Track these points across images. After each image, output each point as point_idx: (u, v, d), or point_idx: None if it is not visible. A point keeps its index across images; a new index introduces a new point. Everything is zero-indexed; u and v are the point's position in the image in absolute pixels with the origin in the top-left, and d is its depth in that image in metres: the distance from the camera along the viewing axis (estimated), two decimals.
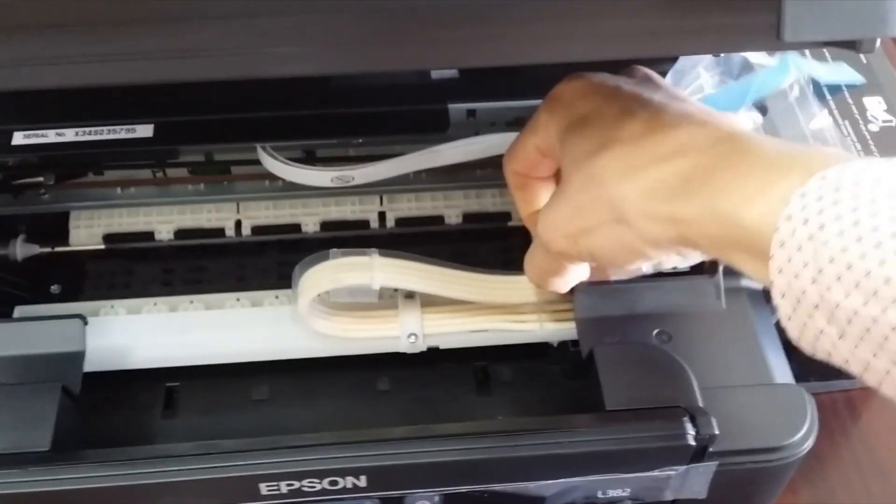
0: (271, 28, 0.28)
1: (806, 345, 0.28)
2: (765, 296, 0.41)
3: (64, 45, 0.26)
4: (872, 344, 0.25)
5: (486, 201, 0.50)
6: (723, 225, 0.29)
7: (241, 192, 0.49)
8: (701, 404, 0.35)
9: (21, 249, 0.47)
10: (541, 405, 0.43)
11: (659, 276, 0.41)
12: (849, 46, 0.27)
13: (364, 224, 0.49)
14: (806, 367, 0.45)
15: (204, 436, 0.42)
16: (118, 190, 0.48)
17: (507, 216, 0.50)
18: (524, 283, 0.41)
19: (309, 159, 0.48)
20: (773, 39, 0.25)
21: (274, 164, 0.45)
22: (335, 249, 0.41)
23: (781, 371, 0.38)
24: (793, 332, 0.28)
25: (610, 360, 0.37)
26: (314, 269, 0.41)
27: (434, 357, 0.43)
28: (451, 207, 0.49)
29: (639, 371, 0.37)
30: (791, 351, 0.44)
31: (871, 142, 0.43)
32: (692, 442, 0.34)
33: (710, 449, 0.34)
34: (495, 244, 0.49)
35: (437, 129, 0.44)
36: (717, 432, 0.34)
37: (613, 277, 0.39)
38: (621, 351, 0.38)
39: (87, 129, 0.43)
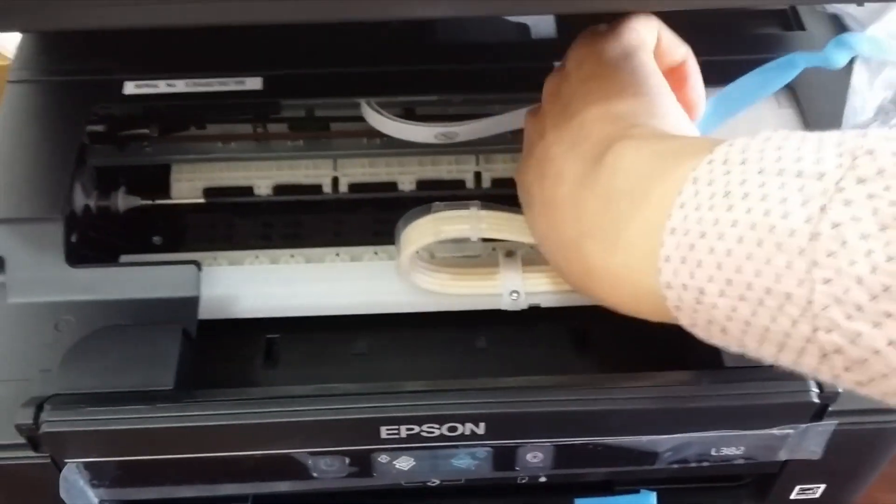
0: None
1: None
2: None
3: None
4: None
5: None
6: None
7: (338, 150, 0.49)
8: None
9: (123, 201, 0.48)
10: (643, 365, 0.42)
11: None
12: None
13: (460, 184, 0.49)
14: None
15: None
16: (219, 144, 0.48)
17: None
18: None
19: (408, 116, 0.48)
20: None
21: (378, 119, 0.45)
22: (438, 202, 0.41)
23: None
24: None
25: None
26: (417, 223, 0.41)
27: (531, 317, 0.43)
28: None
29: None
30: None
31: None
32: (815, 399, 0.33)
33: (831, 408, 0.34)
34: None
35: (539, 88, 0.44)
36: (840, 390, 0.33)
37: None
38: None
39: (198, 81, 0.43)
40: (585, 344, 0.44)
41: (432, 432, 0.34)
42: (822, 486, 0.39)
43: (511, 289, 0.42)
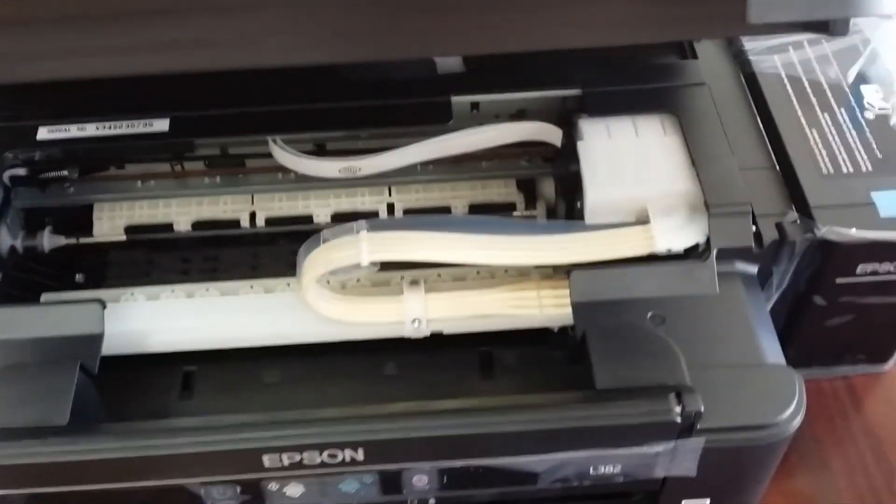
0: (272, 19, 0.30)
1: None
2: (759, 280, 0.42)
3: (70, 37, 0.28)
4: None
5: (491, 192, 0.51)
6: None
7: (255, 185, 0.51)
8: (689, 383, 0.36)
9: (48, 241, 0.49)
10: (542, 390, 0.44)
11: (653, 259, 0.42)
12: (820, 29, 0.28)
13: (373, 215, 0.51)
14: (807, 353, 0.47)
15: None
16: (138, 183, 0.50)
17: (512, 206, 0.51)
18: (526, 242, 0.42)
19: (319, 151, 0.50)
20: (741, 23, 0.27)
21: (284, 156, 0.47)
22: (327, 230, 0.42)
23: (773, 353, 0.39)
24: None
25: (601, 342, 0.38)
26: (310, 256, 0.42)
27: (440, 341, 0.45)
28: (458, 198, 0.51)
29: (629, 352, 0.38)
30: (790, 338, 0.45)
31: (866, 130, 0.44)
32: (678, 419, 0.35)
33: (698, 426, 0.35)
34: None
35: (440, 120, 0.46)
36: (702, 409, 0.35)
37: None
38: (613, 333, 0.39)
39: (107, 124, 0.45)
40: (492, 367, 0.46)
41: (314, 460, 0.35)
42: (707, 501, 0.40)
43: (413, 317, 0.44)
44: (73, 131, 0.45)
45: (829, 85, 0.46)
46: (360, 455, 0.35)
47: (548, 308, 0.43)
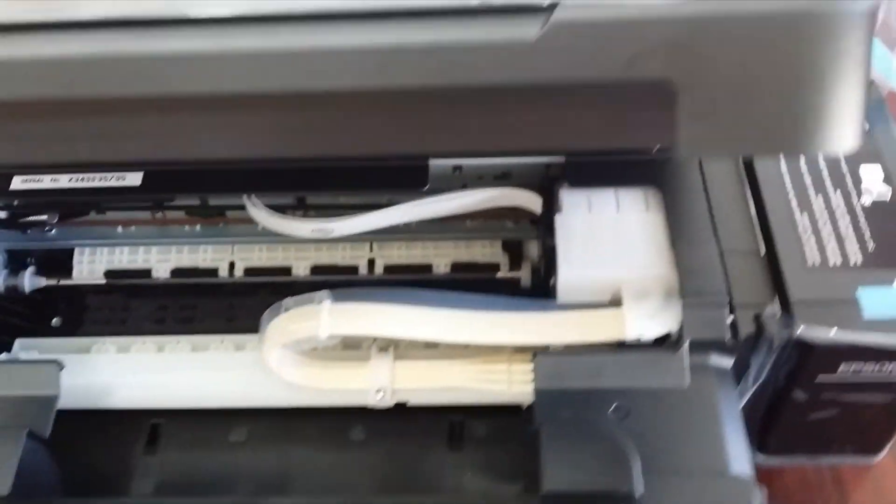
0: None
1: None
2: (737, 370, 0.41)
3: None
4: None
5: (475, 251, 0.50)
6: None
7: (235, 235, 0.50)
8: (640, 492, 0.35)
9: (29, 281, 0.49)
10: (510, 465, 0.43)
11: (623, 347, 0.40)
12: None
13: (353, 270, 0.50)
14: (791, 443, 0.44)
15: (181, 475, 0.44)
16: (119, 229, 0.50)
17: (496, 267, 0.50)
18: (493, 321, 0.41)
19: (299, 206, 0.49)
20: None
21: (258, 213, 0.46)
22: (290, 298, 0.41)
23: (738, 461, 0.37)
24: None
25: (555, 440, 0.37)
26: (270, 325, 0.42)
27: (410, 408, 0.44)
28: (441, 256, 0.50)
29: (583, 452, 0.36)
30: (772, 427, 0.43)
31: (861, 217, 0.42)
32: None
33: None
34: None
35: (416, 185, 0.44)
36: None
37: None
38: (570, 428, 0.37)
39: (80, 176, 0.45)
40: (461, 439, 0.45)
41: None
42: None
43: (377, 386, 0.43)
44: (46, 182, 0.45)
45: (827, 163, 0.44)
46: None
47: (517, 385, 0.42)
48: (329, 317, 0.40)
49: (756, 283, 0.41)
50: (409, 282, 0.50)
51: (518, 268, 0.50)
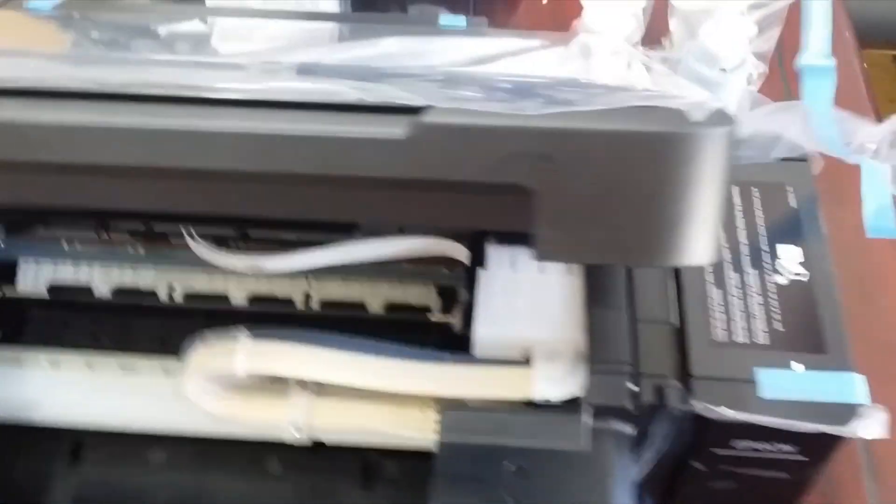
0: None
1: None
2: (640, 438, 0.42)
3: None
4: None
5: (410, 293, 0.51)
6: None
7: (178, 260, 0.51)
8: None
9: None
10: None
11: (531, 406, 0.41)
12: None
13: (290, 302, 0.51)
14: None
15: (100, 492, 0.45)
16: (64, 244, 0.51)
17: (427, 309, 0.51)
18: (408, 370, 0.42)
19: (243, 238, 0.50)
20: None
21: (196, 246, 0.47)
22: (211, 333, 0.43)
23: None
24: None
25: (444, 495, 0.38)
26: (190, 356, 0.43)
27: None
28: (375, 296, 0.51)
29: None
30: (677, 493, 0.44)
31: (774, 298, 0.43)
32: None
33: None
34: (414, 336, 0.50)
35: (345, 229, 0.46)
36: None
37: None
38: (463, 486, 0.38)
39: None
40: (375, 479, 0.46)
41: None
42: None
43: (294, 422, 0.44)
44: None
45: (749, 241, 0.45)
46: None
47: (429, 433, 0.43)
48: (244, 355, 0.42)
49: (664, 354, 0.42)
50: (342, 318, 0.51)
51: (450, 311, 0.51)
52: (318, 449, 0.45)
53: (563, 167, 0.26)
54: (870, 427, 0.39)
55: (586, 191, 0.26)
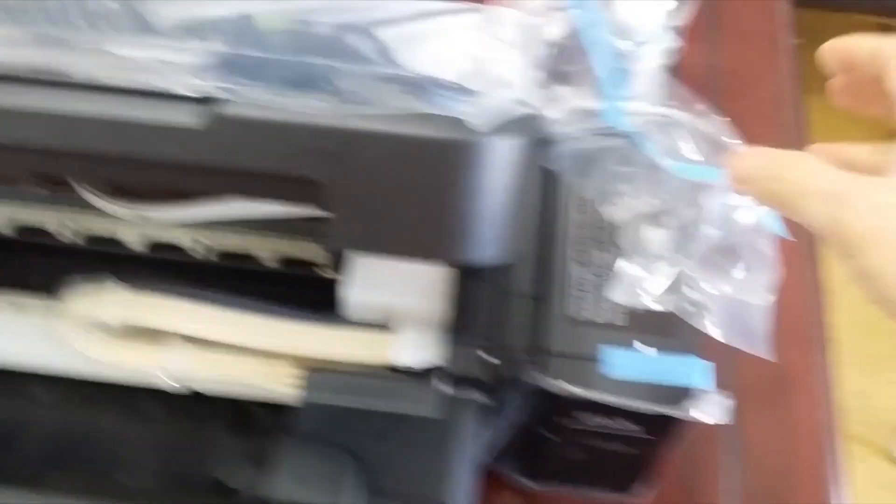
0: None
1: None
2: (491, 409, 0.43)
3: None
4: None
5: (303, 247, 0.52)
6: None
7: (80, 202, 0.52)
8: None
9: None
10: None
11: (390, 372, 0.43)
12: None
13: (180, 250, 0.52)
14: (553, 475, 0.47)
15: None
16: None
17: (314, 265, 0.52)
18: (277, 329, 0.44)
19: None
20: None
21: (85, 193, 0.48)
22: (90, 277, 0.44)
23: (457, 494, 0.40)
24: None
25: (293, 451, 0.39)
26: (67, 298, 0.44)
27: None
28: (267, 250, 0.52)
29: (312, 469, 0.39)
30: (536, 459, 0.46)
31: None
32: None
33: None
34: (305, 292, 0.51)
35: None
36: None
37: None
38: (311, 442, 0.40)
39: None
40: (250, 428, 0.48)
41: None
42: None
43: (167, 369, 0.45)
44: None
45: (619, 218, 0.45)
46: None
47: (291, 388, 0.44)
48: (113, 304, 0.43)
49: (524, 327, 0.43)
50: (237, 270, 0.52)
51: (338, 269, 0.52)
52: (199, 397, 0.47)
53: (349, 165, 0.27)
54: (708, 410, 0.40)
55: (371, 188, 0.27)
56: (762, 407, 0.56)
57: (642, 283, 0.42)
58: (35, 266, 0.53)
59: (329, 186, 0.27)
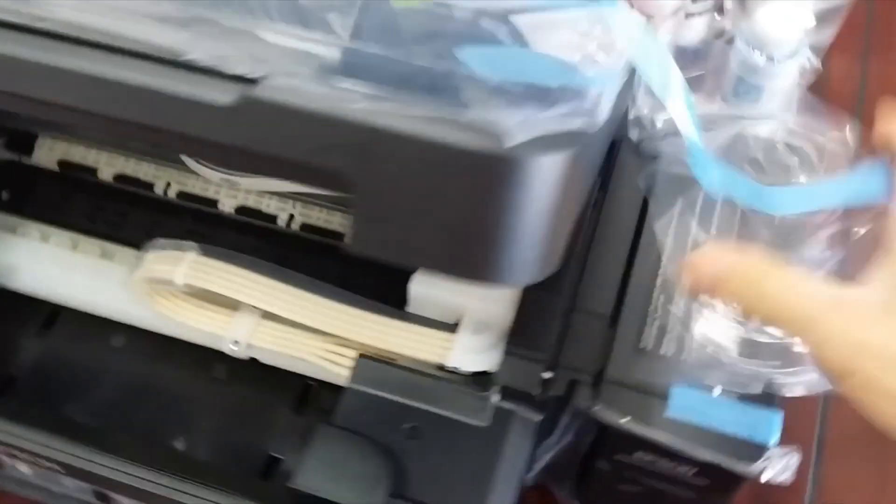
0: None
1: None
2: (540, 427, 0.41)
3: None
4: None
5: None
6: None
7: (179, 161, 0.53)
8: None
9: None
10: None
11: (441, 372, 0.41)
12: None
13: (273, 219, 0.52)
14: (606, 502, 0.45)
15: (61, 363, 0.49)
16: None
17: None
18: (338, 313, 0.43)
19: None
20: None
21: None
22: (163, 240, 0.45)
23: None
24: None
25: (327, 442, 0.39)
26: (144, 258, 0.45)
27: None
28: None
29: (345, 461, 0.38)
30: (585, 486, 0.44)
31: None
32: None
33: None
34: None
35: None
36: None
37: None
38: (348, 434, 0.39)
39: None
40: (308, 405, 0.48)
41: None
42: None
43: (234, 337, 0.46)
44: None
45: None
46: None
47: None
48: (188, 267, 0.43)
49: (590, 349, 0.41)
50: (317, 244, 0.52)
51: None
52: (266, 368, 0.47)
53: (377, 165, 0.25)
54: (775, 469, 0.37)
55: (402, 192, 0.25)
56: (849, 459, 0.52)
57: (730, 330, 0.39)
58: (129, 219, 0.55)
59: (356, 185, 0.26)
